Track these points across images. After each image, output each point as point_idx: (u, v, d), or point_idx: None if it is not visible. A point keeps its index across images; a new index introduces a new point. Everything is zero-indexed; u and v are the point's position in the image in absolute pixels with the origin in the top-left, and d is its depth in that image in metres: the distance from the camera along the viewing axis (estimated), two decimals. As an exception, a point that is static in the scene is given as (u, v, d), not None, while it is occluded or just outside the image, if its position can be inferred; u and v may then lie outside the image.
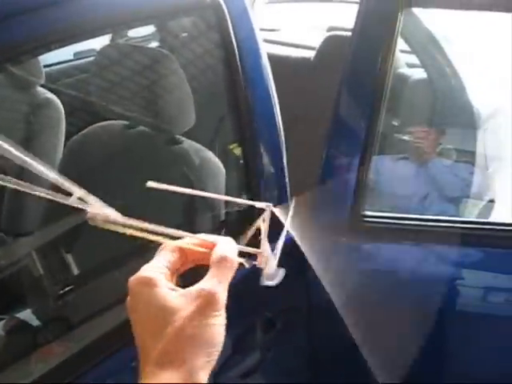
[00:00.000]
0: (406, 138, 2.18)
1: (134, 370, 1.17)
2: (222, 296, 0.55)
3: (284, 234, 0.66)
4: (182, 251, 0.59)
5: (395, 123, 2.09)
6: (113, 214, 0.58)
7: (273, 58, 1.47)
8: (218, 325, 0.54)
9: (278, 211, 0.65)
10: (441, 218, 1.53)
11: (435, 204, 2.13)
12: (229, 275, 0.56)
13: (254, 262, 0.62)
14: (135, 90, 1.64)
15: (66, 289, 1.53)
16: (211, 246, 0.59)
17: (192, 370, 0.52)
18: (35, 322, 1.49)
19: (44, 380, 1.18)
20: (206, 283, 0.55)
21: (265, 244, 0.63)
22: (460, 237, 1.48)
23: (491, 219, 1.79)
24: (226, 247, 0.58)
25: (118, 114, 1.68)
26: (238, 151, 1.65)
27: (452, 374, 1.61)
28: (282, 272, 0.65)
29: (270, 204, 0.64)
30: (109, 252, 1.59)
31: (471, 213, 2.04)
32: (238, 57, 1.38)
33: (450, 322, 1.59)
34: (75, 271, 1.63)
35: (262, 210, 0.64)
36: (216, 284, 0.55)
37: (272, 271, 0.64)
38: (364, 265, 1.53)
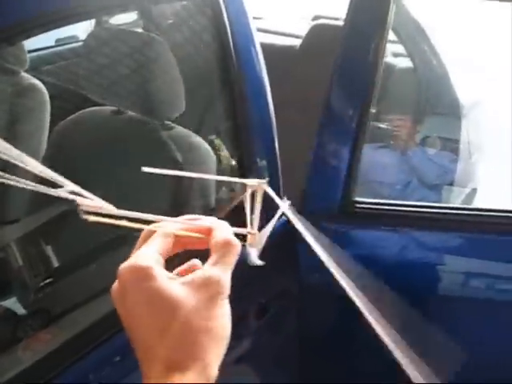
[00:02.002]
0: (386, 126, 2.21)
1: (117, 364, 1.17)
2: (228, 284, 0.50)
3: (278, 214, 0.60)
4: (175, 236, 0.53)
5: (377, 111, 2.11)
6: (105, 205, 0.52)
7: (258, 46, 1.47)
8: (226, 315, 0.50)
9: (270, 190, 0.59)
10: (430, 205, 1.56)
11: (417, 191, 2.16)
12: (233, 261, 0.52)
13: (244, 244, 0.57)
14: (123, 74, 1.62)
15: (46, 281, 1.52)
16: (207, 231, 0.54)
17: (205, 365, 0.48)
18: (20, 311, 1.47)
19: (32, 369, 1.16)
20: (211, 270, 0.50)
21: (256, 222, 0.57)
22: (446, 222, 1.51)
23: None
24: (227, 231, 0.54)
25: (106, 100, 1.66)
26: (218, 142, 1.66)
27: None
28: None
29: (264, 181, 0.58)
30: (88, 244, 1.58)
31: (454, 200, 2.08)
32: (230, 40, 1.38)
33: (432, 308, 1.62)
34: (55, 263, 1.61)
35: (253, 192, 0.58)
36: (221, 270, 0.50)
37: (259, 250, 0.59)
38: (353, 250, 1.56)
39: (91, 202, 0.50)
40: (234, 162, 1.58)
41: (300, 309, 1.56)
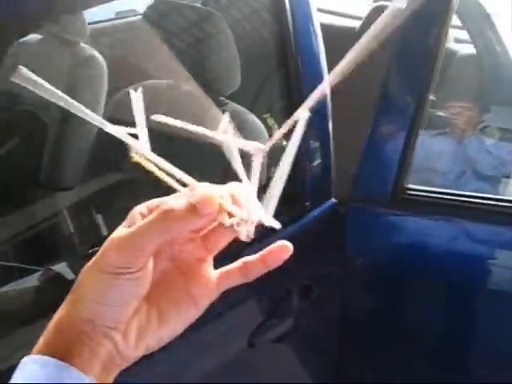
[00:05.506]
0: (444, 113, 2.17)
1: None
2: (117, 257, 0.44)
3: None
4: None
5: (438, 98, 2.07)
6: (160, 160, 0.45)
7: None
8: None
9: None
10: (484, 196, 1.52)
11: (471, 182, 2.11)
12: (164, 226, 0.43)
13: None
14: (181, 49, 1.62)
15: (95, 248, 1.54)
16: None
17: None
18: (70, 276, 1.51)
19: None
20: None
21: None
22: (499, 215, 1.47)
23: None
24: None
25: (163, 73, 1.67)
26: (271, 121, 1.65)
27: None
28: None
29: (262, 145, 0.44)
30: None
31: (510, 193, 2.02)
32: (289, 18, 1.36)
33: (479, 301, 1.58)
34: (104, 232, 1.63)
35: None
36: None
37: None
38: (403, 237, 1.54)
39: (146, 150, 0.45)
40: (285, 142, 1.57)
41: (344, 293, 1.56)
